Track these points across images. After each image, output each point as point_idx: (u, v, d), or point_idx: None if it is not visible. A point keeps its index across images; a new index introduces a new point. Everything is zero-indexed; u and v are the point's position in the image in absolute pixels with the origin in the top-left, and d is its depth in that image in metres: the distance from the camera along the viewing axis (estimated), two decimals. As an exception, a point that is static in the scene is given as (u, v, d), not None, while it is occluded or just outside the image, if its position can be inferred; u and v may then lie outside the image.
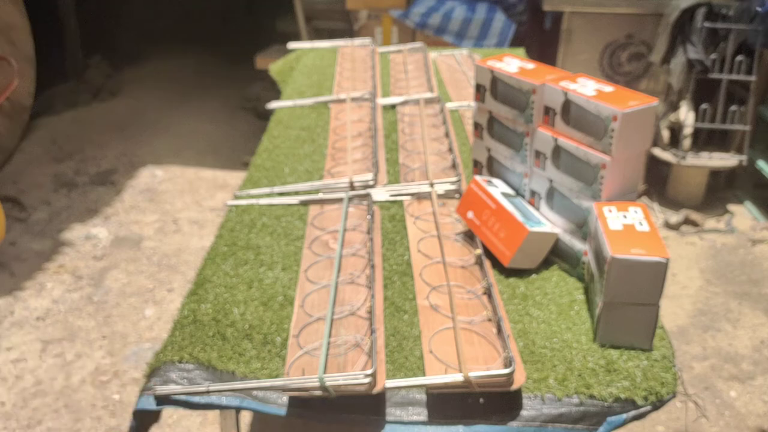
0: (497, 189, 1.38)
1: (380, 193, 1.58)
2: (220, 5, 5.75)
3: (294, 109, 2.14)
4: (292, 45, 2.86)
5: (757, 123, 3.31)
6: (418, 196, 1.58)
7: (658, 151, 3.30)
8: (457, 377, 0.98)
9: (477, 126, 1.47)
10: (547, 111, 1.27)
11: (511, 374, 0.97)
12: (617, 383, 1.03)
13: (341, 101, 2.15)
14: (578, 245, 1.26)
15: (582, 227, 1.25)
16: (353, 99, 2.14)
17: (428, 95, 2.12)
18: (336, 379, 0.97)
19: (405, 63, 2.54)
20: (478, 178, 1.40)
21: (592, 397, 1.01)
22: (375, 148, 1.77)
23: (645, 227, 1.11)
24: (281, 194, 1.62)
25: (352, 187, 1.61)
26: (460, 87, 2.31)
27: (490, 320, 1.15)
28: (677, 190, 3.38)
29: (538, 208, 1.36)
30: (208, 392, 1.01)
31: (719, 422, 2.08)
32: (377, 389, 0.97)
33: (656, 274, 1.04)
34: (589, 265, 1.21)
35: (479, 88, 1.41)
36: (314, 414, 1.01)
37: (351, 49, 2.71)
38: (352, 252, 1.35)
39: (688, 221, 3.20)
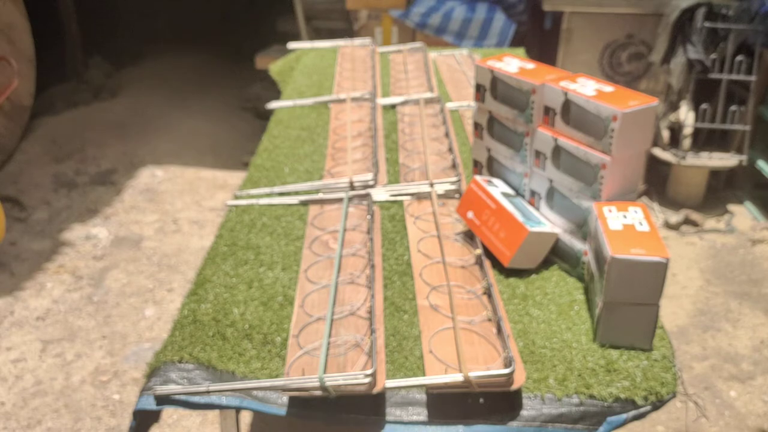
0: (497, 189, 1.38)
1: (380, 193, 1.58)
2: (220, 5, 5.75)
3: (294, 109, 2.14)
4: (292, 45, 2.86)
5: (757, 123, 3.31)
6: (418, 196, 1.58)
7: (658, 151, 3.30)
8: (457, 377, 0.98)
9: (477, 126, 1.47)
10: (547, 111, 1.27)
11: (511, 374, 0.97)
12: (617, 383, 1.03)
13: (341, 101, 2.15)
14: (578, 245, 1.26)
15: (582, 227, 1.25)
16: (353, 99, 2.14)
17: (428, 95, 2.12)
18: (336, 379, 0.97)
19: (405, 63, 2.54)
20: (478, 178, 1.40)
21: (592, 397, 1.01)
22: (375, 148, 1.77)
23: (645, 227, 1.11)
24: (281, 194, 1.62)
25: (352, 187, 1.61)
26: (460, 87, 2.31)
27: (490, 320, 1.15)
28: (677, 190, 3.38)
29: (538, 208, 1.36)
30: (208, 392, 1.01)
31: (719, 422, 2.08)
32: (377, 389, 0.97)
33: (656, 274, 1.04)
34: (589, 265, 1.21)
35: (479, 88, 1.41)
36: (314, 414, 1.01)
37: (351, 49, 2.71)
38: (352, 252, 1.35)
39: (688, 221, 3.20)
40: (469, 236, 1.41)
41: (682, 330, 2.50)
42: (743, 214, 3.31)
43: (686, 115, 3.19)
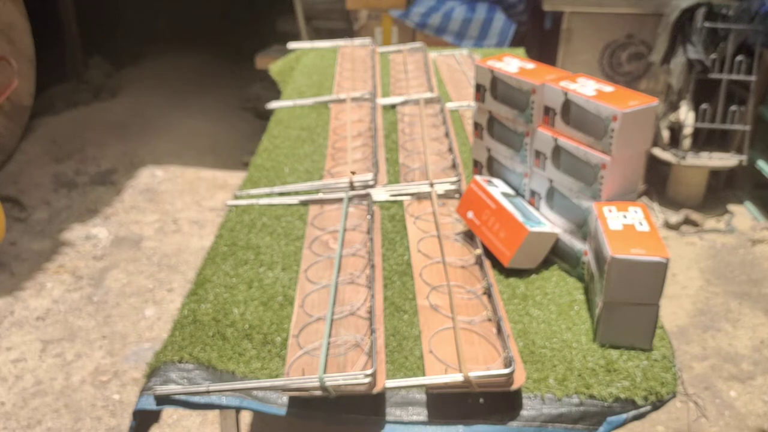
0: (497, 189, 1.38)
1: (380, 193, 1.58)
2: (220, 5, 5.75)
3: (294, 109, 2.14)
4: (292, 45, 2.86)
5: (757, 123, 3.31)
6: (418, 196, 1.58)
7: (658, 151, 3.30)
8: (457, 377, 0.98)
9: (477, 126, 1.47)
10: (547, 111, 1.27)
11: (511, 374, 0.97)
12: (617, 383, 1.03)
13: (341, 101, 2.15)
14: (578, 245, 1.26)
15: (582, 227, 1.25)
16: (353, 99, 2.14)
17: (428, 95, 2.12)
18: (336, 379, 0.97)
19: (405, 63, 2.54)
20: (478, 178, 1.40)
21: (592, 397, 1.01)
22: (375, 148, 1.77)
23: (645, 227, 1.11)
24: (281, 194, 1.62)
25: (352, 187, 1.61)
26: (460, 87, 2.31)
27: (490, 320, 1.15)
28: (677, 190, 3.38)
29: (538, 208, 1.36)
30: (208, 392, 1.01)
31: (719, 422, 2.08)
32: (377, 389, 0.97)
33: (656, 274, 1.04)
34: (589, 265, 1.21)
35: (479, 88, 1.41)
36: (314, 414, 1.01)
37: (351, 49, 2.71)
38: (352, 252, 1.35)
39: (688, 221, 3.20)
40: (469, 236, 1.41)
41: (682, 330, 2.50)
42: (743, 214, 3.31)
43: (686, 115, 3.19)
